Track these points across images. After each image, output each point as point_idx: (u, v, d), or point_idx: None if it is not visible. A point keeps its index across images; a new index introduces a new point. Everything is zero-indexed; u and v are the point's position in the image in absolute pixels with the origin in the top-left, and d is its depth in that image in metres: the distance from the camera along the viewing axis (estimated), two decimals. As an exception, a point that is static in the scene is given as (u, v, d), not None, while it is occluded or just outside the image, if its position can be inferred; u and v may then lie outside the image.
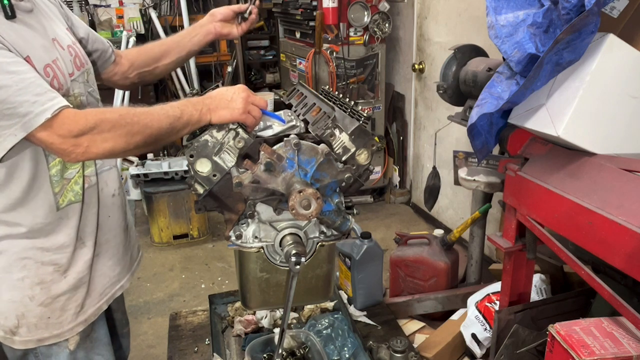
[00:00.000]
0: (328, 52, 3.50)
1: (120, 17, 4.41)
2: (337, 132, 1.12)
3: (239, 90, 1.12)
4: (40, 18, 1.14)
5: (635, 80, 1.26)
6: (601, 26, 1.20)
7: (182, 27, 4.48)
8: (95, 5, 4.50)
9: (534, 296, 1.87)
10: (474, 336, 2.00)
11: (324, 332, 1.86)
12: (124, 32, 4.00)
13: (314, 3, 3.52)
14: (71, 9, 4.56)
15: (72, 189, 1.18)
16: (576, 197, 1.22)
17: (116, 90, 3.91)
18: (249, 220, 1.13)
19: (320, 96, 1.29)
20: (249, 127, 1.12)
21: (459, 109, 1.94)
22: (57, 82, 1.09)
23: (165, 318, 2.50)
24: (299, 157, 1.07)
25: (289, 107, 1.38)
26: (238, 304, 2.08)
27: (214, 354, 1.80)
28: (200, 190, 1.10)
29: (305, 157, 1.08)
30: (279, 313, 2.01)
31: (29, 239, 1.14)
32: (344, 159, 1.13)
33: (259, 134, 1.14)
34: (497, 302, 1.88)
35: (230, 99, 1.09)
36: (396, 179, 4.06)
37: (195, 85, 4.59)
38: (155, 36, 4.47)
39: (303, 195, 1.01)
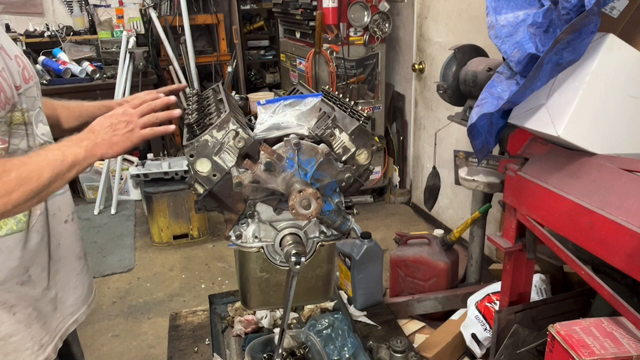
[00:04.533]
0: (328, 52, 3.50)
1: (120, 17, 4.41)
2: (337, 132, 1.12)
3: (119, 112, 1.03)
4: None
5: (635, 80, 1.26)
6: (601, 26, 1.20)
7: (182, 27, 4.48)
8: (95, 5, 4.50)
9: (534, 296, 1.87)
10: (474, 336, 2.00)
11: (324, 332, 1.86)
12: (124, 32, 4.00)
13: (314, 3, 3.52)
14: (71, 10, 4.58)
15: (15, 216, 1.03)
16: (576, 197, 1.22)
17: (117, 88, 3.92)
18: (249, 220, 1.13)
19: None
20: (153, 136, 1.05)
21: (459, 109, 1.94)
22: (4, 95, 0.98)
23: (165, 318, 2.50)
24: (299, 157, 1.07)
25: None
26: (238, 304, 2.08)
27: (214, 354, 1.80)
28: (200, 190, 1.10)
29: (305, 157, 1.07)
30: (279, 313, 2.01)
31: None
32: (344, 159, 1.13)
33: (260, 134, 1.14)
34: (497, 302, 1.88)
35: (113, 127, 1.00)
36: (396, 179, 4.06)
37: (195, 85, 4.59)
38: (155, 36, 4.47)
39: (303, 195, 1.00)
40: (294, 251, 1.07)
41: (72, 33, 4.37)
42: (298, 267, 1.07)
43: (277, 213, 1.13)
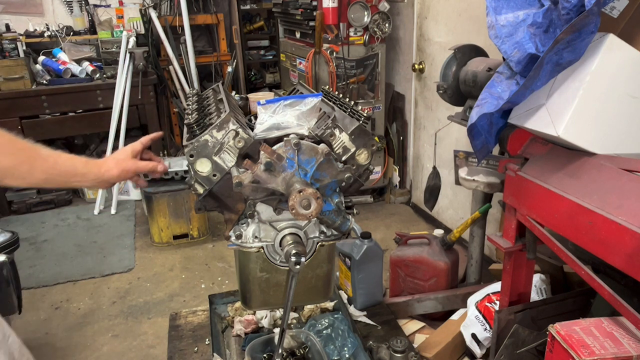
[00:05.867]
0: (328, 52, 3.50)
1: (120, 17, 4.41)
2: (337, 132, 1.12)
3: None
4: None
5: (635, 80, 1.26)
6: (601, 26, 1.20)
7: (182, 27, 4.48)
8: (95, 5, 4.50)
9: (534, 296, 1.87)
10: (474, 336, 2.00)
11: (324, 332, 1.86)
12: (124, 32, 4.00)
13: (314, 3, 3.52)
14: (71, 10, 4.58)
15: None
16: (576, 197, 1.22)
17: (117, 88, 3.92)
18: (249, 220, 1.13)
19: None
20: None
21: (459, 109, 1.94)
22: None
23: (165, 318, 2.50)
24: (299, 157, 1.07)
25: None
26: (238, 304, 2.08)
27: (214, 354, 1.80)
28: (200, 190, 1.10)
29: (305, 157, 1.07)
30: (279, 313, 2.01)
31: None
32: (344, 159, 1.13)
33: (260, 134, 1.14)
34: (497, 302, 1.88)
35: None
36: (396, 179, 4.06)
37: (195, 85, 4.59)
38: (155, 36, 4.47)
39: (303, 195, 1.00)
40: (294, 251, 1.07)
41: (72, 33, 4.36)
42: (298, 267, 1.07)
43: (277, 213, 1.13)
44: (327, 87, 1.55)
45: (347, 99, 1.26)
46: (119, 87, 3.93)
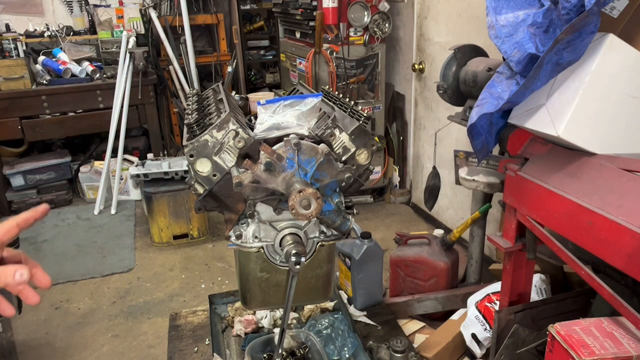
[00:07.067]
0: (328, 52, 3.50)
1: (120, 17, 4.41)
2: (337, 132, 1.12)
3: None
4: None
5: (635, 80, 1.26)
6: (601, 26, 1.20)
7: (182, 27, 4.48)
8: (95, 5, 4.50)
9: (534, 296, 1.87)
10: (474, 336, 2.00)
11: (324, 332, 1.86)
12: (124, 32, 4.00)
13: (314, 3, 3.52)
14: (71, 10, 4.58)
15: None
16: (576, 197, 1.22)
17: (117, 88, 3.92)
18: (249, 220, 1.13)
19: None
20: None
21: (459, 109, 1.94)
22: None
23: (165, 318, 2.50)
24: (299, 157, 1.07)
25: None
26: (238, 304, 2.08)
27: (214, 354, 1.80)
28: (200, 190, 1.10)
29: (305, 157, 1.07)
30: (279, 313, 2.01)
31: None
32: (344, 158, 1.13)
33: (260, 134, 1.14)
34: (497, 302, 1.88)
35: None
36: (396, 179, 4.06)
37: (195, 85, 4.59)
38: (155, 36, 4.47)
39: (303, 195, 1.00)
40: (294, 251, 1.07)
41: (72, 33, 4.37)
42: (298, 267, 1.07)
43: (277, 213, 1.13)
44: (327, 87, 1.54)
45: (347, 99, 1.26)
46: (119, 87, 3.93)
